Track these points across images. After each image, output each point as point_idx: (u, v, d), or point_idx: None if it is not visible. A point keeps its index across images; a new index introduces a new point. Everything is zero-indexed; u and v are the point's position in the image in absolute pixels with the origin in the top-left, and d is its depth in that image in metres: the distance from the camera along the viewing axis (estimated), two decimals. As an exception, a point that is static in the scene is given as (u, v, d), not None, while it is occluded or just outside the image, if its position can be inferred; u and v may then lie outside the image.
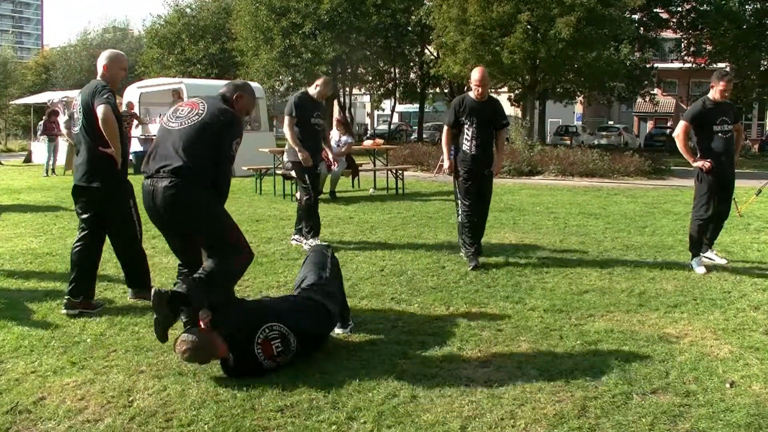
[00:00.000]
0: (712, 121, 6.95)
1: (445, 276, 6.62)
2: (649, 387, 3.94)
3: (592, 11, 22.18)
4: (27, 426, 3.49)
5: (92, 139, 5.45)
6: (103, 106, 5.30)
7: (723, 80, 6.91)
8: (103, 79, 5.63)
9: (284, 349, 4.19)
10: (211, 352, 4.04)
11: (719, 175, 6.96)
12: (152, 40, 45.28)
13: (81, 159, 5.52)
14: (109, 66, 5.69)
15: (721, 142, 6.95)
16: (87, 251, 5.55)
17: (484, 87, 7.06)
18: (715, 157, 6.95)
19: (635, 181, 18.09)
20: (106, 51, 5.91)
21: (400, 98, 45.41)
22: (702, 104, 7.07)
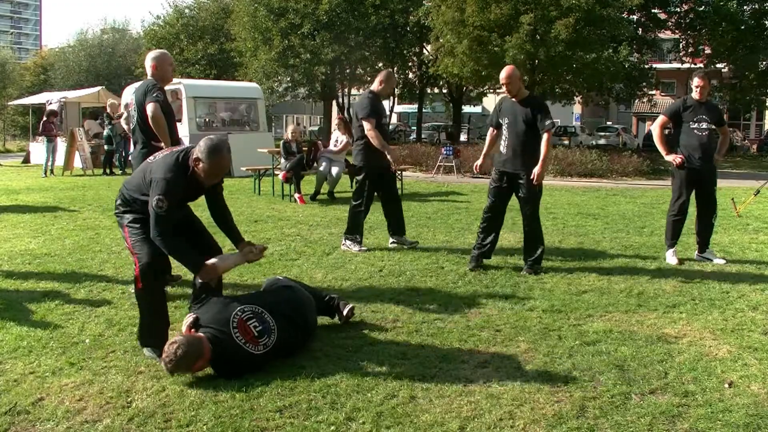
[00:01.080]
0: (689, 117, 7.26)
1: (444, 276, 6.62)
2: (647, 387, 3.95)
3: (590, 12, 22.18)
4: (25, 427, 3.49)
5: (145, 135, 6.07)
6: (152, 105, 5.90)
7: (696, 78, 7.29)
8: (153, 78, 6.13)
9: (263, 327, 4.23)
10: (198, 353, 4.00)
11: (692, 170, 7.26)
12: (151, 41, 45.17)
13: (136, 152, 6.17)
14: (158, 65, 6.17)
15: (695, 139, 7.24)
16: None
17: (507, 85, 6.84)
18: (689, 152, 7.25)
19: (634, 181, 18.12)
20: (152, 51, 6.38)
21: (399, 98, 45.41)
22: (682, 101, 7.46)
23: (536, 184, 6.72)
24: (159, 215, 4.20)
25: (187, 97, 18.69)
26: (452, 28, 23.75)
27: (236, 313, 4.24)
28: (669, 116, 7.46)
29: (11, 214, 10.88)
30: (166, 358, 3.94)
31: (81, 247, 7.97)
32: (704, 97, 7.33)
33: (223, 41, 41.41)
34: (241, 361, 4.11)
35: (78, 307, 5.55)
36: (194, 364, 4.01)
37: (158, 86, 6.05)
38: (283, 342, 4.31)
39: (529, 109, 6.77)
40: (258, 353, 4.16)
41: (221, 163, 4.28)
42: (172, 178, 4.24)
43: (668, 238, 7.51)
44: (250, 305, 4.36)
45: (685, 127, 7.31)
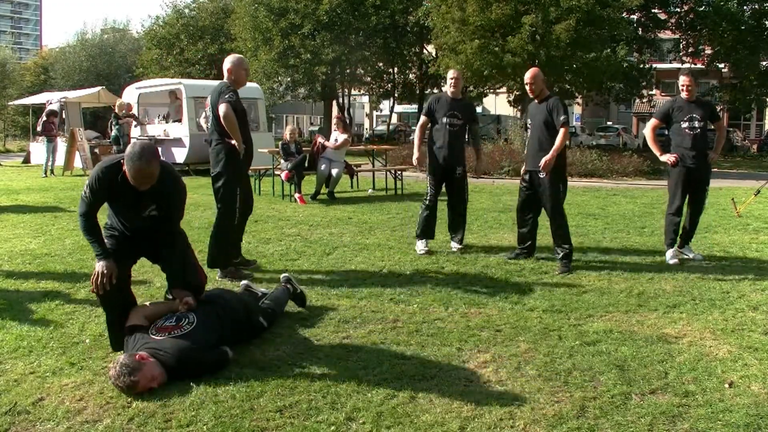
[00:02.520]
0: (679, 117, 7.35)
1: (444, 276, 6.62)
2: (647, 387, 3.95)
3: (590, 12, 22.18)
4: (26, 427, 3.49)
5: (218, 132, 6.52)
6: (224, 105, 6.38)
7: (682, 76, 7.40)
8: (228, 80, 6.62)
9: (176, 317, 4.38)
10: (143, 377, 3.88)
11: (686, 169, 7.34)
12: (151, 41, 45.21)
13: (210, 148, 6.63)
14: (233, 69, 6.62)
15: (688, 138, 7.32)
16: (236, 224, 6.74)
17: (531, 86, 7.04)
18: (682, 152, 7.34)
19: (634, 181, 18.11)
20: (230, 56, 6.83)
21: (399, 99, 45.42)
22: (671, 103, 7.58)
23: (556, 181, 6.92)
24: (82, 198, 4.44)
25: (187, 97, 18.67)
26: (458, 26, 23.75)
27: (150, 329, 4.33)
28: (660, 118, 7.62)
29: (11, 214, 10.88)
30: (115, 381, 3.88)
31: (81, 248, 7.97)
32: (693, 96, 7.42)
33: (223, 41, 41.41)
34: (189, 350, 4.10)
35: (78, 307, 5.55)
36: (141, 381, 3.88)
37: (232, 88, 6.53)
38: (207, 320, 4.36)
39: (545, 107, 6.99)
40: (188, 331, 4.22)
41: (139, 168, 4.18)
42: (101, 173, 4.36)
43: (667, 238, 7.55)
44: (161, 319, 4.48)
45: (677, 128, 7.40)
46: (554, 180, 6.94)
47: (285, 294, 5.46)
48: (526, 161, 7.31)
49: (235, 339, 4.49)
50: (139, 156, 4.18)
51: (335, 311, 5.46)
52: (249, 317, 4.74)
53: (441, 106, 7.85)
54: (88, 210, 4.42)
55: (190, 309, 4.46)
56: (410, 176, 17.22)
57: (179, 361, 4.02)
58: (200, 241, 8.28)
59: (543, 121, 6.98)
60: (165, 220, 4.57)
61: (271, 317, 5.05)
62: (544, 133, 6.99)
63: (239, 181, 6.70)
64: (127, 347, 4.24)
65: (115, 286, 4.39)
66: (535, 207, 7.35)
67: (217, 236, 6.69)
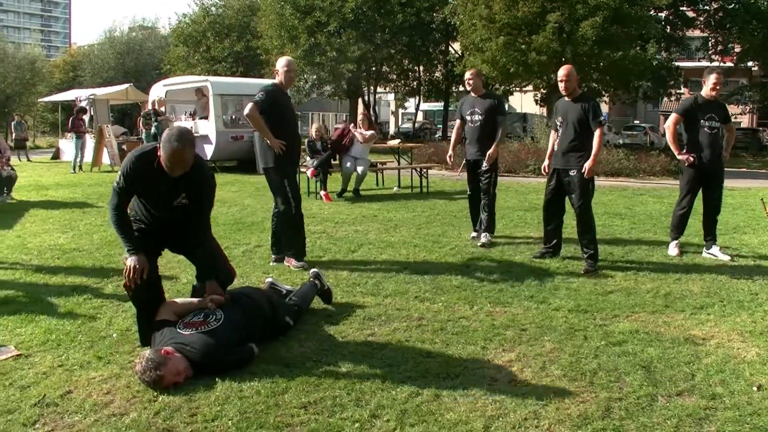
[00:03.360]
0: (700, 116, 7.37)
1: (470, 275, 6.60)
2: (674, 389, 3.91)
3: (617, 10, 22.00)
4: (54, 419, 3.54)
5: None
6: (249, 105, 6.74)
7: (714, 75, 7.38)
8: (275, 81, 6.96)
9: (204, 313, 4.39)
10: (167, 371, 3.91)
11: (701, 168, 7.40)
12: (178, 39, 45.52)
13: (260, 146, 6.97)
14: (280, 71, 6.89)
15: (706, 137, 7.37)
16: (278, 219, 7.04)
17: (565, 83, 6.98)
18: (700, 150, 7.37)
19: (661, 180, 17.91)
20: (281, 59, 7.08)
21: (425, 96, 45.34)
22: (694, 99, 7.59)
23: (587, 179, 6.89)
24: (114, 189, 4.40)
25: (213, 94, 18.78)
26: (485, 24, 23.68)
27: (179, 323, 4.36)
28: (681, 114, 7.56)
29: (41, 210, 11.02)
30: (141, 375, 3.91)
31: (109, 243, 8.05)
32: (718, 95, 7.42)
33: (249, 39, 41.57)
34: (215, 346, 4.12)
35: (106, 302, 5.61)
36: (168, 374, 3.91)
37: (267, 89, 6.83)
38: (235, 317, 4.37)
39: (580, 106, 6.93)
40: (214, 328, 4.23)
41: (175, 150, 4.21)
42: (136, 159, 4.38)
43: (673, 231, 7.72)
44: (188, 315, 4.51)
45: (696, 125, 7.40)
46: (584, 179, 6.90)
47: (312, 290, 5.48)
48: (553, 158, 7.26)
49: (260, 337, 4.51)
50: (176, 138, 4.22)
51: (360, 308, 5.47)
52: (275, 316, 4.76)
53: (466, 106, 8.45)
54: (120, 202, 4.41)
55: (219, 305, 4.48)
56: (436, 174, 17.19)
57: (205, 356, 4.05)
58: (226, 238, 8.34)
59: (576, 120, 6.92)
60: (194, 211, 4.57)
61: (297, 315, 5.07)
62: (575, 132, 6.94)
63: (288, 174, 6.98)
64: (155, 342, 4.27)
65: (145, 281, 4.42)
66: (561, 206, 7.31)
67: (282, 229, 7.04)
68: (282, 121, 6.84)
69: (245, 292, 4.93)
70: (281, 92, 6.93)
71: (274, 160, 6.85)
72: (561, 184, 7.12)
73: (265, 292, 5.20)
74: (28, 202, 12.12)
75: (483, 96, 8.38)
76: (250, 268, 6.86)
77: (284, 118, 6.90)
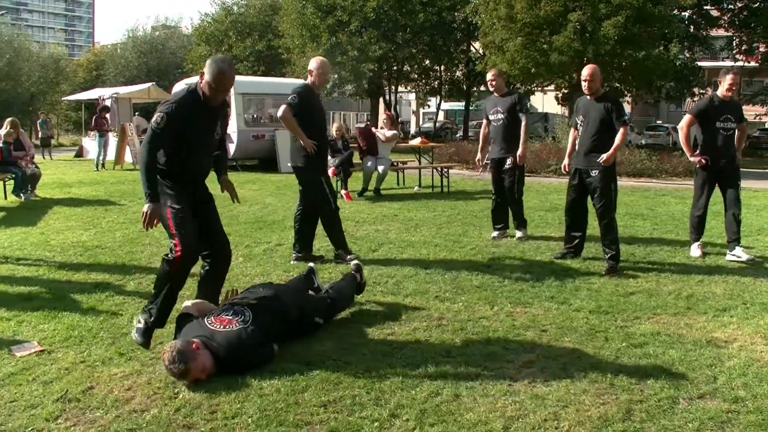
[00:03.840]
0: (715, 117, 7.29)
1: (490, 275, 6.58)
2: (696, 392, 3.88)
3: (641, 9, 21.86)
4: (76, 414, 3.57)
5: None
6: (282, 107, 6.82)
7: (730, 75, 7.27)
8: (309, 81, 6.99)
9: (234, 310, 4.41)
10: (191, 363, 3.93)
11: (714, 170, 7.37)
12: (200, 38, 45.84)
13: (291, 143, 7.08)
14: (313, 71, 6.94)
15: (721, 139, 7.31)
16: (301, 217, 7.16)
17: (589, 83, 6.93)
18: (714, 152, 7.32)
19: (683, 181, 17.74)
20: (314, 59, 7.15)
21: (446, 96, 45.28)
22: (709, 100, 7.49)
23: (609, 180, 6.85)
24: (155, 131, 4.38)
25: (235, 93, 18.82)
26: (504, 24, 23.61)
27: (208, 316, 4.40)
28: (695, 115, 7.47)
29: (64, 207, 11.13)
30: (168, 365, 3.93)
31: (131, 240, 8.12)
32: (734, 96, 7.31)
33: (270, 38, 41.75)
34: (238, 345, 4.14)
35: (128, 299, 5.65)
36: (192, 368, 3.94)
37: (299, 90, 6.89)
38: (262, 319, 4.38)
39: (603, 106, 6.88)
40: (241, 327, 4.24)
41: (225, 70, 4.43)
42: (179, 100, 4.48)
43: (692, 233, 7.69)
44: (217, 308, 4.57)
45: (710, 126, 7.34)
46: (606, 179, 6.85)
47: (351, 283, 5.46)
48: (574, 158, 7.22)
49: (284, 338, 4.52)
50: (222, 60, 4.46)
51: (380, 307, 5.47)
52: (302, 318, 4.75)
53: (489, 106, 8.68)
54: (156, 145, 4.41)
55: (249, 306, 4.49)
56: (457, 174, 17.17)
57: (228, 353, 4.07)
58: (247, 236, 8.38)
59: (599, 120, 6.86)
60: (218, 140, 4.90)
61: (330, 311, 5.07)
62: (598, 132, 6.87)
63: (321, 173, 7.06)
64: (181, 331, 4.33)
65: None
66: (584, 206, 7.27)
67: (326, 226, 7.16)
68: (311, 121, 6.91)
69: (276, 293, 4.87)
70: (312, 93, 7.00)
71: (304, 160, 6.92)
72: (583, 184, 7.07)
73: (296, 292, 5.10)
74: (51, 200, 12.25)
75: (504, 95, 8.48)
76: (271, 267, 6.88)
77: (313, 119, 6.97)
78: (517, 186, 8.45)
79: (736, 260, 7.24)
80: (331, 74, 36.29)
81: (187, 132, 4.48)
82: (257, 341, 4.24)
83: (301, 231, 7.16)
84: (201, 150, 4.66)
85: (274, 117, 20.23)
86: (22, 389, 3.86)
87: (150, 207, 4.36)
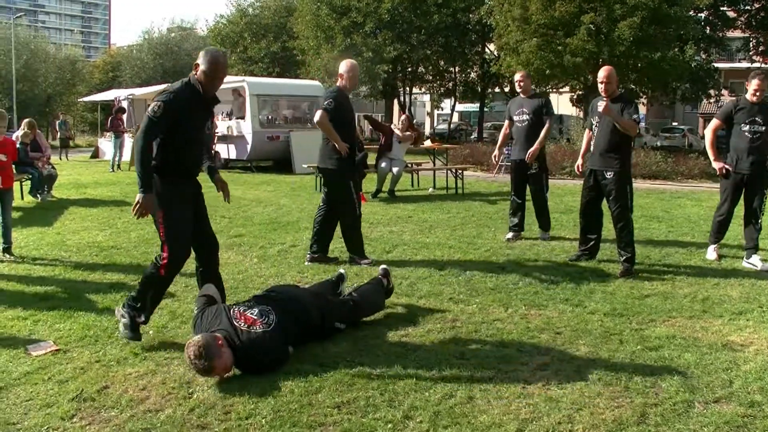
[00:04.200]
0: (741, 119, 7.19)
1: (504, 277, 6.57)
2: (711, 396, 3.85)
3: (656, 11, 21.75)
4: (91, 413, 3.59)
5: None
6: (318, 112, 6.94)
7: (755, 79, 7.19)
8: (340, 84, 7.08)
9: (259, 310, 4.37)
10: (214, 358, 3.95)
11: (740, 174, 7.26)
12: (215, 39, 45.98)
13: (322, 145, 7.15)
14: (344, 74, 7.02)
15: (746, 142, 7.20)
16: (323, 218, 7.18)
17: (606, 84, 6.85)
18: (738, 154, 7.23)
19: (700, 184, 17.67)
20: (344, 61, 7.22)
21: (460, 97, 45.23)
22: (734, 104, 7.41)
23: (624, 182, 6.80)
24: (151, 119, 4.42)
25: (250, 94, 18.91)
26: (519, 25, 23.56)
27: (232, 308, 4.40)
28: (721, 119, 7.43)
29: (80, 208, 11.20)
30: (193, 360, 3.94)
31: (146, 240, 8.15)
32: (761, 99, 7.20)
33: (285, 39, 41.84)
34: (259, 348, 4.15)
35: (143, 299, 5.66)
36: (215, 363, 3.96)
37: (333, 95, 6.97)
38: (285, 323, 4.36)
39: (618, 106, 6.81)
40: (264, 330, 4.22)
41: (217, 59, 4.62)
42: (177, 90, 4.55)
43: (712, 236, 7.65)
44: (243, 302, 4.57)
45: (736, 129, 7.26)
46: (621, 181, 6.81)
47: (377, 287, 5.42)
48: (589, 159, 7.17)
49: (303, 341, 4.53)
50: (215, 50, 4.65)
51: (394, 309, 5.47)
52: (323, 324, 4.73)
53: (514, 106, 8.65)
54: (151, 137, 4.47)
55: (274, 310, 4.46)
56: (471, 176, 17.15)
57: (247, 353, 4.10)
58: (261, 237, 8.40)
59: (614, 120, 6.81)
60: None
61: (353, 314, 5.05)
62: (612, 132, 6.80)
63: (350, 176, 7.10)
64: (205, 318, 4.37)
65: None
66: (598, 208, 7.23)
67: (346, 230, 7.20)
68: (343, 124, 6.98)
69: (300, 297, 4.83)
70: (344, 96, 7.08)
71: (335, 163, 6.98)
72: (598, 185, 7.03)
73: (318, 296, 5.03)
74: (67, 200, 12.34)
75: (531, 97, 8.54)
76: (285, 268, 6.90)
77: (344, 121, 7.03)
78: (544, 188, 8.56)
79: (752, 268, 7.14)
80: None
81: (183, 122, 4.53)
82: (276, 345, 4.25)
83: (321, 232, 7.19)
84: (194, 142, 4.71)
85: (288, 118, 20.32)
86: (38, 388, 3.89)
87: (143, 197, 4.40)
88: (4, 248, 7.29)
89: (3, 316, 5.21)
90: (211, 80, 4.58)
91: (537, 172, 8.44)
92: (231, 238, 8.32)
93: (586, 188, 7.22)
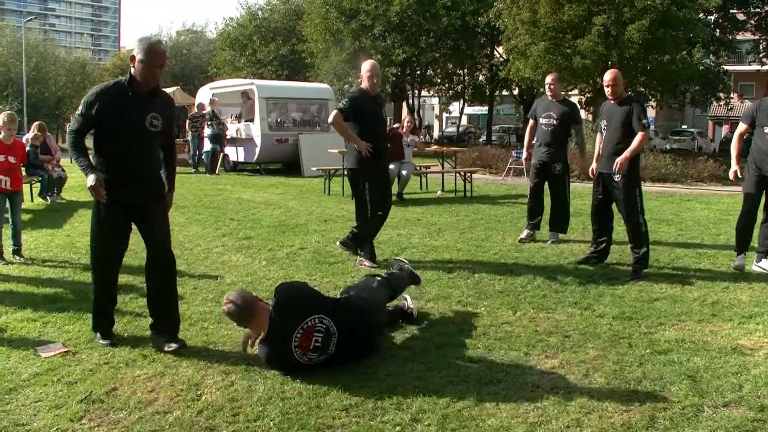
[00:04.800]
0: (763, 121, 7.03)
1: (513, 280, 6.56)
2: (721, 400, 3.83)
3: (665, 13, 21.71)
4: (99, 415, 3.60)
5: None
6: (333, 112, 7.06)
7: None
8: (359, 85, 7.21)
9: (322, 345, 4.19)
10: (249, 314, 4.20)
11: (762, 176, 7.04)
12: (224, 42, 46.12)
13: (347, 148, 7.31)
14: (363, 75, 7.09)
15: (766, 143, 7.01)
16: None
17: (613, 87, 6.85)
18: (760, 157, 7.05)
19: (709, 186, 17.61)
20: (366, 62, 7.26)
21: (469, 100, 45.23)
22: (756, 105, 7.24)
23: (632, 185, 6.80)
24: (75, 117, 4.53)
25: (259, 97, 18.94)
26: (527, 28, 23.55)
27: (312, 319, 4.20)
28: (749, 123, 7.23)
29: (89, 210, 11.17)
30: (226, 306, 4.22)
31: (155, 243, 8.16)
32: None
33: (294, 42, 41.94)
34: (280, 354, 4.14)
35: (151, 302, 5.67)
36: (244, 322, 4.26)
37: (352, 95, 7.09)
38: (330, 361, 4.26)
39: (625, 109, 6.80)
40: (300, 361, 4.16)
41: (152, 45, 4.43)
42: (98, 90, 4.49)
43: (738, 245, 7.24)
44: (328, 319, 4.25)
45: (758, 131, 7.13)
46: (629, 184, 6.78)
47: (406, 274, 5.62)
48: (598, 162, 7.16)
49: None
50: (149, 37, 4.51)
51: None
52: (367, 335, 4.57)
53: (541, 108, 8.69)
54: (79, 128, 4.52)
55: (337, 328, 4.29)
56: (480, 179, 17.14)
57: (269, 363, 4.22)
58: (270, 239, 8.41)
59: (621, 123, 6.78)
60: (161, 135, 4.66)
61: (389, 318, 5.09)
62: (620, 135, 6.79)
63: (372, 177, 7.05)
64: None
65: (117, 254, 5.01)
66: (609, 211, 7.21)
67: (359, 229, 7.21)
68: (366, 124, 6.99)
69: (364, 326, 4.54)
70: (367, 97, 7.06)
71: (357, 162, 7.01)
72: (607, 189, 7.01)
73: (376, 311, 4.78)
74: (77, 202, 12.38)
75: (560, 101, 8.60)
76: (293, 270, 6.90)
77: (372, 123, 7.07)
78: (566, 189, 8.70)
79: (761, 271, 7.09)
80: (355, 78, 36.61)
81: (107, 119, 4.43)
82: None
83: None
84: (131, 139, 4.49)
85: (297, 121, 20.34)
86: (47, 389, 3.90)
87: (92, 179, 4.39)
88: (14, 250, 7.33)
89: (13, 318, 5.23)
90: (148, 68, 4.38)
91: (560, 173, 8.54)
92: (239, 241, 8.33)
93: (595, 191, 7.21)
